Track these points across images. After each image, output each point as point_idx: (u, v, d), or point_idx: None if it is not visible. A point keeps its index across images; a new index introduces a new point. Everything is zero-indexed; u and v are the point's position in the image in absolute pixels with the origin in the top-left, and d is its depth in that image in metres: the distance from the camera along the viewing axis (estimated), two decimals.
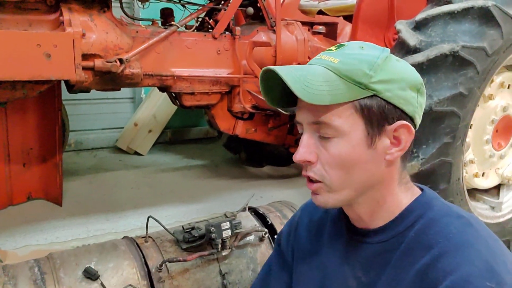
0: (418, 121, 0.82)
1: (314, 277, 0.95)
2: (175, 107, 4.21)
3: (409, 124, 0.78)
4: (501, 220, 2.42)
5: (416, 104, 0.79)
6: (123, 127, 4.60)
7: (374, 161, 0.78)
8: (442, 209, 0.81)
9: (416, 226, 0.79)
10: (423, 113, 0.84)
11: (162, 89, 2.68)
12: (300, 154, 0.79)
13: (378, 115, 0.76)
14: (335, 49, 0.81)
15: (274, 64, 2.88)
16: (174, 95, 2.76)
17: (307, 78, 0.75)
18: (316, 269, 0.95)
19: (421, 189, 0.87)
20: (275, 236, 1.83)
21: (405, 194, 0.84)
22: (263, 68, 0.80)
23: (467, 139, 2.17)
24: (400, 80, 0.77)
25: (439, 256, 0.72)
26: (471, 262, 0.69)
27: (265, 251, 1.77)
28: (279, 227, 1.86)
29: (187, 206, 3.12)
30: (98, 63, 2.17)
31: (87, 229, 2.72)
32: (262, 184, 3.61)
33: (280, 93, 0.83)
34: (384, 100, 0.76)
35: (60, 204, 2.98)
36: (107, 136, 4.63)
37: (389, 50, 0.81)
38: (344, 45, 0.81)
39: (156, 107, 4.49)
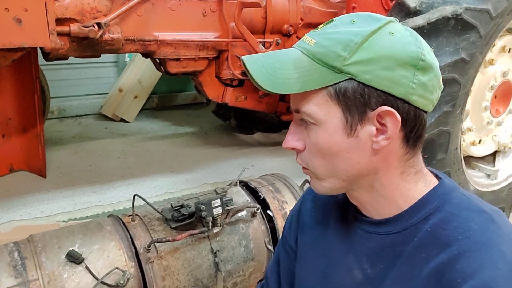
0: (423, 101, 0.70)
1: (317, 265, 0.90)
2: None
3: (392, 110, 0.68)
4: (496, 188, 2.40)
5: (411, 83, 0.67)
6: (107, 93, 4.44)
7: (357, 150, 0.71)
8: (462, 201, 0.73)
9: (432, 219, 0.72)
10: None
11: (146, 55, 2.52)
12: (287, 141, 0.78)
13: (356, 100, 0.68)
14: (321, 27, 0.73)
15: (265, 26, 2.72)
16: (158, 61, 2.61)
17: (275, 66, 0.71)
18: (320, 256, 0.90)
19: (439, 178, 0.79)
20: (268, 212, 1.77)
21: (414, 184, 0.76)
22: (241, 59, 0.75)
23: (466, 107, 2.09)
24: (384, 59, 0.66)
25: (458, 255, 0.66)
26: (494, 265, 0.63)
27: (257, 226, 1.72)
28: (271, 202, 1.80)
29: (176, 176, 3.04)
30: (74, 28, 2.00)
31: (73, 201, 2.64)
32: (253, 152, 3.54)
33: None
34: (362, 83, 0.67)
35: (44, 176, 2.89)
36: (91, 103, 4.47)
37: (385, 21, 0.69)
38: (332, 21, 0.73)
39: (141, 71, 4.33)
